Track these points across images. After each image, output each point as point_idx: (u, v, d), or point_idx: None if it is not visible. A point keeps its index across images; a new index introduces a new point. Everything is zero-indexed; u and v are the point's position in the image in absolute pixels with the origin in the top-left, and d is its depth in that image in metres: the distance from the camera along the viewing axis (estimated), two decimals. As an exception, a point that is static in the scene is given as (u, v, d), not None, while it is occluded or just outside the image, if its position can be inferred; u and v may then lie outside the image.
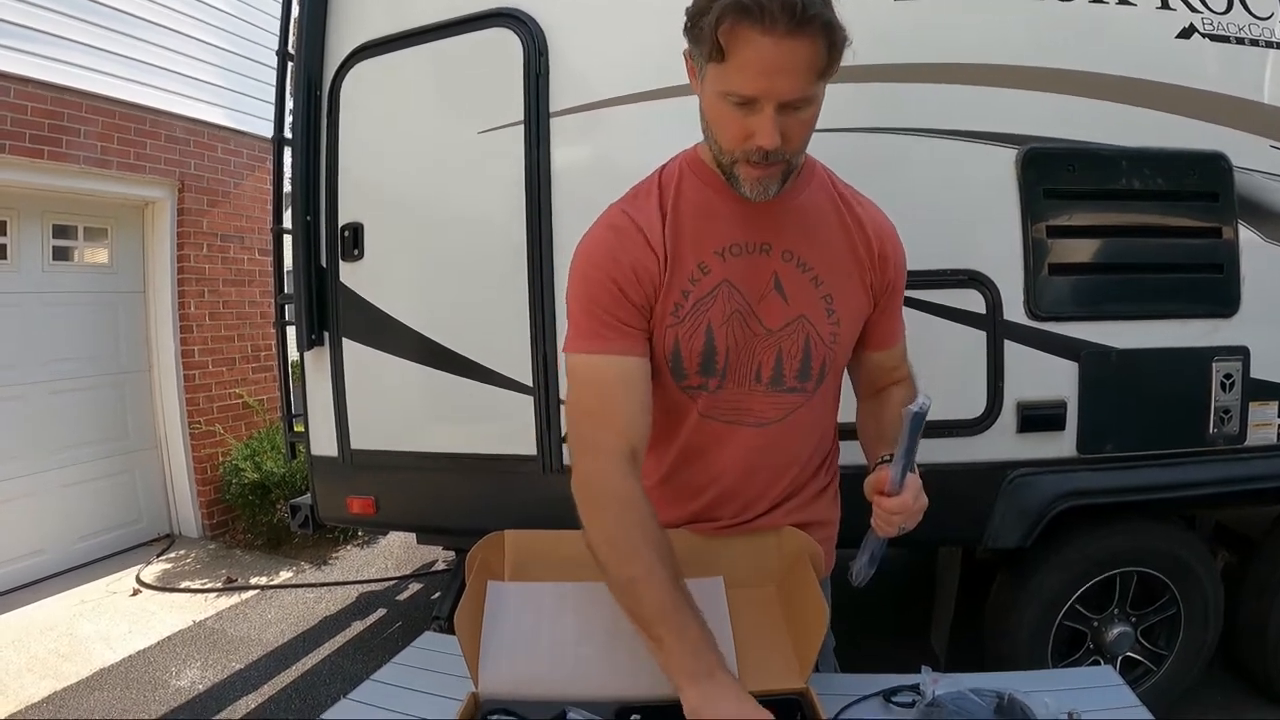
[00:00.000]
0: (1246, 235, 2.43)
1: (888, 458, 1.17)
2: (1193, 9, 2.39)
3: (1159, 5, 2.38)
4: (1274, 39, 2.45)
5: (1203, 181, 2.40)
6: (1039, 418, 2.37)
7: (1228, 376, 2.42)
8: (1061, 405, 2.38)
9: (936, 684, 1.16)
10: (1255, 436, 2.47)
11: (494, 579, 1.31)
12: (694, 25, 1.07)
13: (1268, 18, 2.45)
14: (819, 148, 1.30)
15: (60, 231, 4.88)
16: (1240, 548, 2.96)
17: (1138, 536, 2.58)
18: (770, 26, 0.97)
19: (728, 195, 1.23)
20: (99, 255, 5.17)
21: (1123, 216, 2.39)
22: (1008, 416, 2.36)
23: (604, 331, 1.22)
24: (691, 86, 1.17)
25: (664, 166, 1.32)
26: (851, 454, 1.44)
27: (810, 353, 1.27)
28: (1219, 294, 2.43)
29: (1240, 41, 2.42)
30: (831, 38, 1.01)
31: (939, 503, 1.17)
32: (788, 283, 1.25)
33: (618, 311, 1.22)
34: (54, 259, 4.84)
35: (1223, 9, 2.41)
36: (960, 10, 2.33)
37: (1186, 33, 2.38)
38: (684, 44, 1.14)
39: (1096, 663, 2.66)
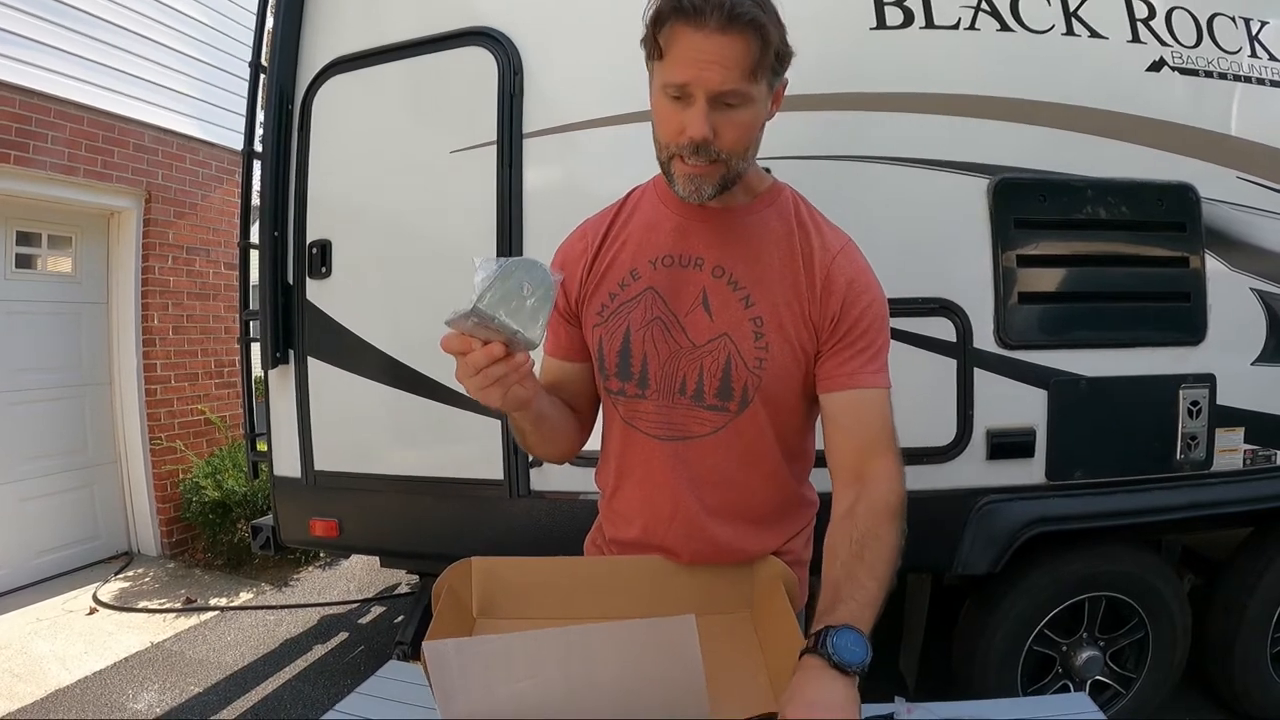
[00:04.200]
0: (1213, 265, 2.47)
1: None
2: (1163, 43, 2.43)
3: (1130, 38, 2.42)
4: (1241, 73, 2.51)
5: (1171, 212, 2.43)
6: (1008, 445, 2.38)
7: (1195, 404, 2.45)
8: (1031, 432, 2.39)
9: (910, 713, 1.15)
10: (1221, 462, 2.51)
11: (461, 609, 1.28)
12: (646, 32, 1.12)
13: (1236, 52, 2.50)
14: (792, 174, 1.29)
15: (24, 239, 4.79)
16: (1207, 570, 2.99)
17: (1106, 561, 2.60)
18: (702, 23, 1.04)
19: (675, 210, 1.28)
20: (63, 264, 5.08)
21: (1092, 246, 2.42)
22: (977, 444, 2.37)
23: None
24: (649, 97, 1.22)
25: (637, 186, 1.38)
26: (821, 482, 1.42)
27: (730, 373, 1.25)
28: (1186, 322, 2.46)
29: (1209, 75, 2.47)
30: (763, 37, 1.06)
31: (909, 530, 1.15)
32: (715, 299, 1.25)
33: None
34: (17, 266, 4.75)
35: (1192, 43, 2.46)
36: (933, 40, 2.36)
37: (1156, 66, 2.43)
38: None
39: (1066, 687, 2.67)
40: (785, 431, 1.33)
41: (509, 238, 2.42)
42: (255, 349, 2.98)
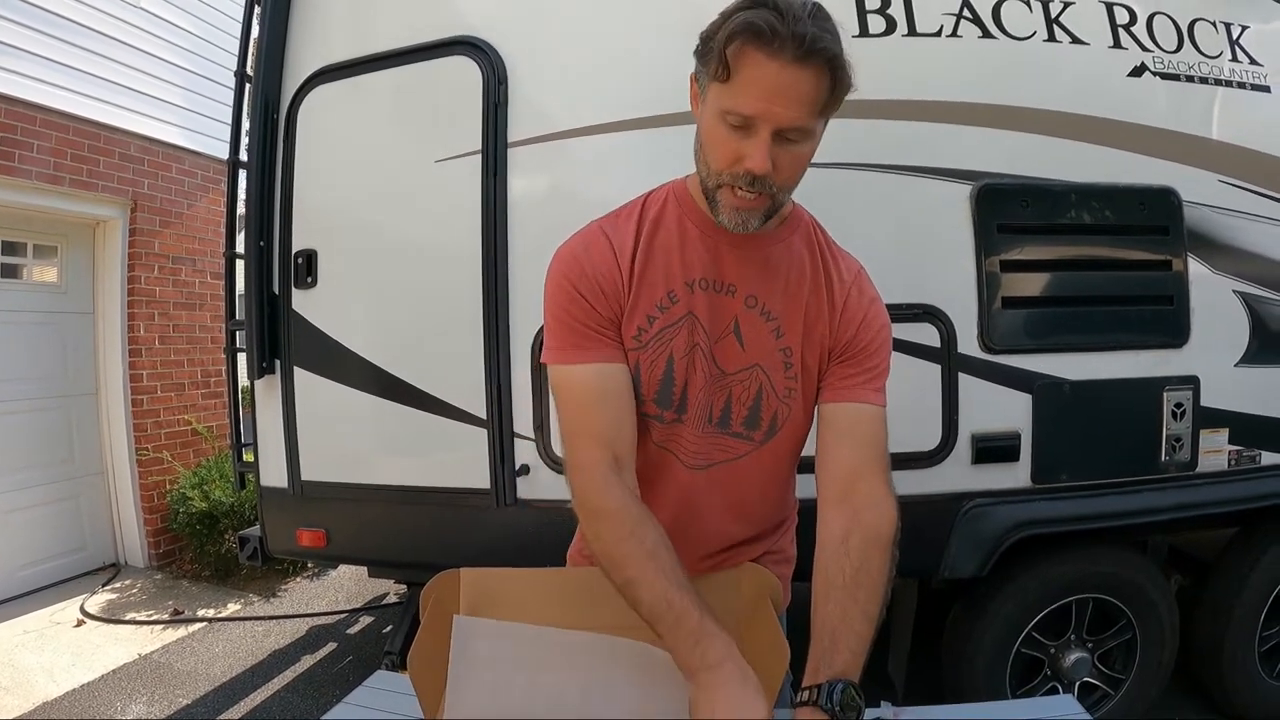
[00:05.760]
0: (1196, 268, 2.49)
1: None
2: (1144, 48, 2.46)
3: (1111, 44, 2.45)
4: (1222, 77, 2.53)
5: (1153, 216, 2.45)
6: (994, 449, 2.39)
7: (1179, 405, 2.46)
8: (1016, 436, 2.40)
9: (899, 717, 1.15)
10: (1206, 463, 2.53)
11: (449, 619, 1.27)
12: (704, 45, 1.07)
13: (1217, 56, 2.53)
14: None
15: (9, 248, 4.77)
16: (1194, 570, 3.01)
17: (1092, 563, 2.61)
18: (778, 51, 0.98)
19: (706, 230, 1.23)
20: (48, 274, 5.05)
21: (1075, 250, 2.44)
22: (963, 448, 2.38)
23: (577, 341, 1.22)
24: (691, 110, 1.17)
25: (652, 192, 1.31)
26: (806, 488, 1.42)
27: (761, 402, 1.26)
28: (1169, 325, 2.48)
29: (1190, 79, 2.50)
30: (836, 74, 1.01)
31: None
32: (747, 329, 1.24)
33: (587, 320, 1.22)
34: (2, 276, 4.74)
35: (1173, 48, 2.49)
36: (917, 48, 2.37)
37: (1138, 71, 2.45)
38: (645, 76, 1.16)
39: (1054, 689, 2.68)
40: (797, 454, 1.36)
41: (493, 247, 2.42)
42: (241, 359, 2.97)
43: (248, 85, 2.93)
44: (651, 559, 1.09)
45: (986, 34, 2.38)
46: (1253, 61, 2.58)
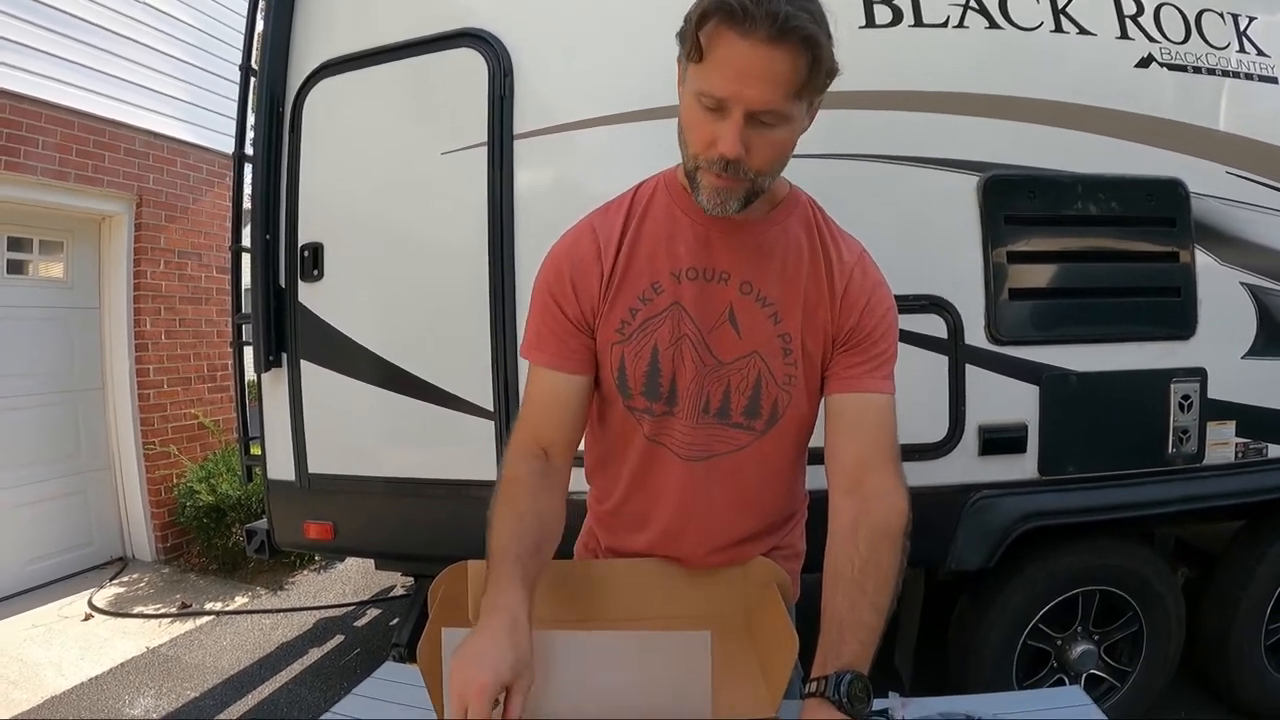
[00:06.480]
0: (1203, 259, 2.48)
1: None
2: (1151, 39, 2.45)
3: (1118, 35, 2.43)
4: (1230, 68, 2.52)
5: (1160, 207, 2.44)
6: (1001, 440, 2.39)
7: (1186, 397, 2.46)
8: (1023, 428, 2.40)
9: (905, 708, 1.15)
10: (1213, 455, 2.52)
11: (458, 611, 1.27)
12: (684, 25, 1.04)
13: (1224, 47, 2.51)
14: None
15: (15, 244, 4.77)
16: (1201, 563, 3.01)
17: (1099, 555, 2.61)
18: (750, 30, 0.94)
19: (696, 218, 1.21)
20: (54, 269, 5.06)
21: (1082, 242, 2.43)
22: (970, 440, 2.38)
23: (538, 341, 1.29)
24: (678, 93, 1.13)
25: (644, 181, 1.31)
26: (816, 479, 1.42)
27: (760, 390, 1.24)
28: (1176, 317, 2.47)
29: (1197, 70, 2.49)
30: (814, 54, 0.98)
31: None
32: (742, 316, 1.22)
33: (554, 325, 1.26)
34: (8, 272, 4.74)
35: (1180, 39, 2.47)
36: (923, 38, 2.36)
37: (1145, 62, 2.44)
38: (651, 67, 1.14)
39: (1061, 681, 2.68)
40: (802, 444, 1.34)
41: (499, 239, 2.41)
42: (248, 353, 2.97)
43: (253, 79, 2.93)
44: (515, 519, 1.14)
45: (993, 24, 2.37)
46: (1260, 53, 2.57)
